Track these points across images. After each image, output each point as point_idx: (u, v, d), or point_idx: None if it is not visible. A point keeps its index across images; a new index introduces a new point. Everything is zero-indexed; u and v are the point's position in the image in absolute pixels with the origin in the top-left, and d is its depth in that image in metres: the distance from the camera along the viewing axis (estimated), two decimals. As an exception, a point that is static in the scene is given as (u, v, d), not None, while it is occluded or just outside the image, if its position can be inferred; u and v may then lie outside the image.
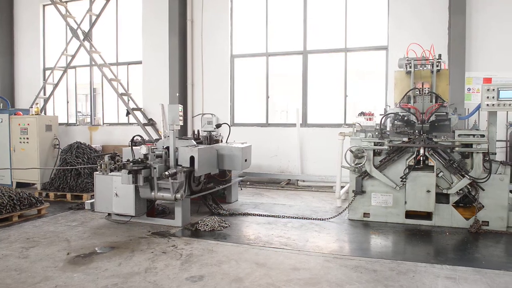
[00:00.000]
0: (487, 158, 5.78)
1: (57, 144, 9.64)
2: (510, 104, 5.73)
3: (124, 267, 4.42)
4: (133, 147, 6.13)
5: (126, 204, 6.04)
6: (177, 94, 10.37)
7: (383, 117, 6.38)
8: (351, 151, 6.24)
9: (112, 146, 10.83)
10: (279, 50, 10.38)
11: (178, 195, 5.73)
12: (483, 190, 5.79)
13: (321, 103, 10.28)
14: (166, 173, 5.59)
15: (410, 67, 6.54)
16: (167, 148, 6.08)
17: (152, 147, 6.13)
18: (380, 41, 9.50)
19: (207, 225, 5.88)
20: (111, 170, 5.64)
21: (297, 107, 10.02)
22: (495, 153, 6.03)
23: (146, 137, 9.99)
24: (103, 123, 12.38)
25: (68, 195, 8.07)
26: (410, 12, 9.05)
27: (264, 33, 10.42)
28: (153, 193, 5.87)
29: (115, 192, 6.08)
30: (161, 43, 10.94)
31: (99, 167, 5.67)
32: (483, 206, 5.84)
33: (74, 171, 8.33)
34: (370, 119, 6.78)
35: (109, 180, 6.11)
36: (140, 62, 11.54)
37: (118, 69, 11.98)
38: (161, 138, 7.56)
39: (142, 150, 5.73)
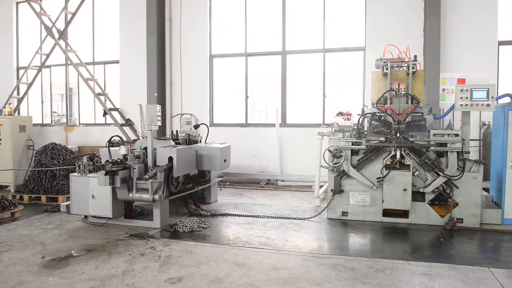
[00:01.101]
0: (461, 157, 5.93)
1: (32, 145, 9.40)
2: (482, 104, 5.88)
3: (101, 270, 4.34)
4: (111, 148, 6.04)
5: (103, 206, 5.94)
6: (155, 94, 10.28)
7: (360, 117, 6.47)
8: (329, 150, 6.30)
9: (89, 147, 10.63)
10: (258, 50, 10.41)
11: (157, 196, 5.67)
12: (457, 188, 5.94)
13: (300, 103, 10.35)
14: (146, 176, 5.52)
15: (387, 69, 6.67)
16: (145, 148, 6.01)
17: (131, 148, 6.05)
18: (357, 42, 9.64)
19: (186, 226, 5.83)
20: (90, 171, 5.53)
21: (276, 107, 10.05)
22: (469, 152, 6.18)
23: (124, 138, 9.85)
24: (80, 124, 12.16)
25: (43, 198, 7.88)
26: (387, 14, 9.21)
27: (243, 33, 10.42)
28: (131, 194, 5.79)
29: (91, 193, 5.97)
30: (138, 42, 10.81)
31: (77, 168, 5.55)
32: (457, 204, 5.98)
33: (49, 173, 8.14)
34: (348, 119, 6.86)
35: (86, 182, 6.00)
36: (117, 62, 11.38)
37: (94, 68, 11.78)
38: (139, 139, 7.49)
39: (121, 150, 5.64)
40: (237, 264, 4.48)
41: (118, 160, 5.70)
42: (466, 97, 5.91)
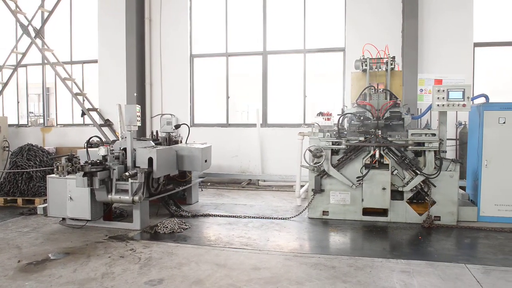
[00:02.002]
0: (438, 156, 6.05)
1: (7, 146, 9.19)
2: (459, 105, 6.01)
3: (80, 273, 4.27)
4: (89, 149, 5.94)
5: (81, 208, 5.83)
6: (135, 94, 10.16)
7: (340, 117, 6.53)
8: (310, 150, 6.34)
9: (67, 148, 10.43)
10: (239, 50, 10.40)
11: (136, 197, 5.60)
12: (435, 186, 6.06)
13: (281, 104, 10.40)
14: (127, 173, 5.45)
15: (366, 66, 6.75)
16: (125, 149, 5.93)
17: (110, 148, 5.96)
18: (337, 43, 9.73)
19: (167, 227, 5.78)
20: (69, 173, 5.44)
21: (257, 107, 10.06)
22: (446, 151, 6.31)
23: (103, 138, 9.70)
24: (57, 124, 11.92)
25: (19, 200, 7.69)
26: (366, 16, 9.32)
27: (224, 33, 10.39)
28: (110, 196, 5.70)
29: (69, 195, 5.85)
30: (117, 41, 10.66)
31: (55, 169, 5.45)
32: (435, 202, 6.10)
33: (26, 175, 7.95)
34: (328, 119, 6.92)
35: (63, 183, 5.87)
36: (95, 61, 11.20)
37: (72, 68, 11.57)
38: (118, 139, 7.38)
39: (100, 151, 5.56)
40: (218, 265, 4.47)
41: (97, 161, 5.61)
42: (443, 98, 6.03)
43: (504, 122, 6.12)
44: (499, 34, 9.15)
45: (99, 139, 6.31)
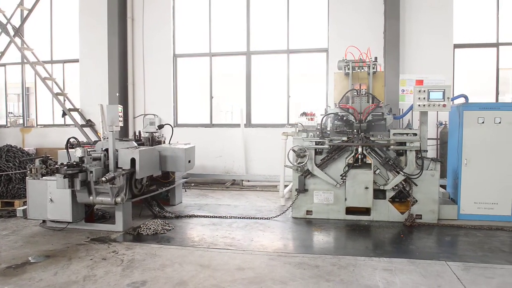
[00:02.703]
0: (420, 155, 6.14)
1: (-15, 148, 8.93)
2: (439, 105, 6.12)
3: (61, 276, 4.19)
4: (70, 150, 5.84)
5: (62, 210, 5.73)
6: (117, 94, 10.05)
7: (323, 117, 6.58)
8: (293, 150, 6.36)
9: (47, 149, 10.24)
10: (223, 50, 10.37)
11: (119, 199, 5.53)
12: (416, 185, 6.15)
13: (265, 104, 10.42)
14: (103, 178, 5.35)
15: (348, 69, 6.82)
16: (107, 150, 5.85)
17: (90, 149, 5.88)
18: (321, 43, 9.79)
19: (150, 228, 5.73)
20: (43, 175, 5.34)
21: (241, 107, 10.06)
22: (427, 151, 6.41)
23: (84, 139, 9.57)
24: (37, 125, 11.70)
25: (-2, 202, 7.51)
26: (349, 16, 9.41)
27: (207, 33, 10.35)
28: (91, 198, 5.62)
29: (50, 197, 5.74)
30: (99, 40, 10.53)
31: (29, 171, 5.34)
32: (416, 201, 6.19)
33: (4, 176, 7.76)
34: (311, 119, 6.95)
35: (43, 185, 5.76)
36: (77, 60, 11.03)
37: (53, 67, 11.38)
38: (100, 140, 7.29)
39: (77, 153, 5.46)
40: (202, 266, 4.45)
41: (74, 163, 5.49)
42: (424, 98, 6.13)
43: (483, 122, 6.25)
44: (478, 35, 9.35)
45: (75, 140, 6.21)
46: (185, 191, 8.73)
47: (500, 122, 6.21)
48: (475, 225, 5.96)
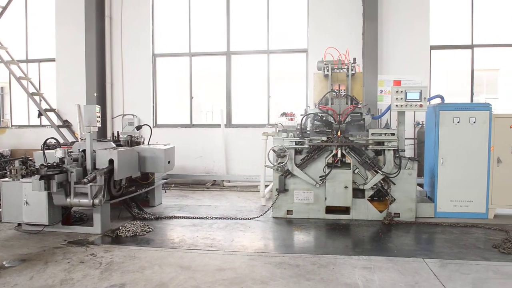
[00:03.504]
0: (397, 155, 6.25)
1: (-44, 149, 8.68)
2: (416, 105, 6.23)
3: (37, 281, 4.09)
4: (46, 151, 5.72)
5: (38, 212, 5.60)
6: (95, 94, 9.89)
7: (303, 118, 6.61)
8: (273, 150, 6.38)
9: (23, 150, 10.00)
10: (203, 50, 10.32)
11: (97, 200, 5.43)
12: (394, 184, 6.25)
13: (245, 104, 10.41)
14: (85, 179, 5.27)
15: (328, 70, 6.88)
16: (84, 151, 5.75)
17: (68, 150, 5.76)
18: (300, 44, 9.85)
19: (129, 230, 5.65)
20: (23, 176, 5.21)
21: (221, 107, 10.03)
22: (404, 150, 6.53)
23: (61, 140, 9.38)
24: (12, 126, 11.40)
25: (-30, 205, 7.28)
26: (328, 18, 9.50)
27: (187, 32, 10.29)
28: (68, 200, 5.50)
29: (25, 200, 5.61)
30: (76, 39, 10.34)
31: (8, 173, 5.20)
32: (394, 199, 6.29)
33: (-23, 179, 7.54)
34: (291, 119, 6.98)
35: (18, 187, 5.62)
36: (53, 60, 10.81)
37: (28, 66, 11.11)
38: (77, 141, 7.16)
39: (57, 153, 5.35)
40: (182, 267, 4.41)
41: (54, 164, 5.40)
42: (401, 98, 6.23)
43: (458, 122, 6.40)
44: (453, 37, 9.57)
45: (56, 141, 6.09)
46: (165, 192, 8.64)
47: (475, 122, 6.37)
48: (451, 223, 6.09)
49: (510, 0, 9.37)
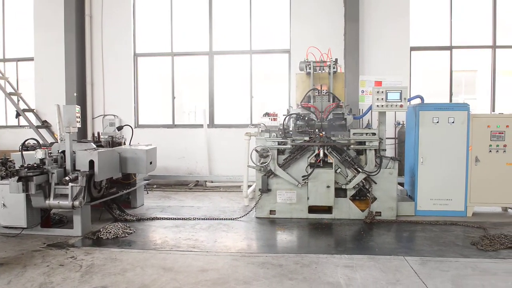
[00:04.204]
0: (379, 154, 6.33)
1: None
2: (396, 105, 6.33)
3: (15, 285, 4.00)
4: (25, 152, 5.60)
5: (16, 215, 5.47)
6: (75, 94, 9.72)
7: (286, 118, 6.63)
8: (256, 150, 6.39)
9: (0, 152, 9.74)
10: (185, 50, 10.25)
11: (77, 202, 5.35)
12: (376, 183, 6.33)
13: (228, 104, 10.38)
14: (67, 178, 5.18)
15: (310, 68, 6.93)
16: (63, 152, 5.65)
17: (48, 151, 5.65)
18: (283, 44, 9.88)
19: (110, 232, 5.57)
20: (2, 178, 5.10)
21: (204, 107, 9.98)
22: (385, 150, 6.62)
23: (40, 141, 9.19)
24: (-12, 126, 11.12)
25: None
26: (311, 18, 9.55)
27: (169, 32, 10.21)
28: (47, 201, 5.40)
29: (2, 202, 5.47)
30: (56, 38, 10.14)
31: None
32: (376, 198, 6.37)
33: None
34: (274, 119, 7.00)
35: (-5, 189, 5.49)
36: (32, 59, 10.57)
37: (5, 65, 10.84)
38: (57, 142, 7.04)
39: (38, 154, 5.25)
40: (165, 269, 4.37)
41: (35, 165, 5.29)
42: (382, 99, 6.32)
43: (437, 122, 6.52)
44: (433, 39, 9.74)
45: (35, 142, 5.97)
46: (147, 193, 8.56)
47: (453, 122, 6.49)
48: (431, 221, 6.20)
49: (487, 2, 9.57)
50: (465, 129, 6.50)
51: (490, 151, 6.55)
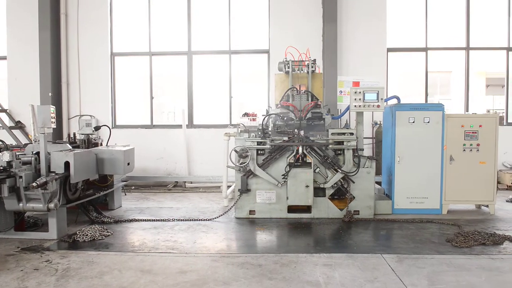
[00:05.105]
0: (356, 154, 6.40)
1: None
2: (373, 105, 6.42)
3: (-14, 290, 3.89)
4: (-4, 154, 5.44)
5: (-12, 218, 5.32)
6: (50, 93, 9.51)
7: (265, 118, 6.65)
8: (235, 151, 6.38)
9: (-29, 153, 9.44)
10: (163, 49, 10.16)
11: (52, 205, 5.22)
12: (354, 182, 6.40)
13: (207, 104, 10.34)
14: (34, 184, 5.02)
15: (288, 68, 6.96)
16: (38, 153, 5.51)
17: (20, 153, 5.50)
18: (262, 45, 9.90)
19: (87, 235, 5.46)
20: (-32, 180, 4.93)
21: (183, 108, 9.91)
22: (363, 149, 6.70)
23: (13, 142, 8.95)
24: (-41, 127, 10.76)
25: None
26: (290, 19, 9.61)
27: (147, 31, 10.10)
28: (21, 204, 5.25)
29: (-27, 205, 5.31)
30: (30, 36, 9.90)
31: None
32: (354, 197, 6.45)
33: None
34: (253, 119, 7.01)
35: (-35, 192, 5.30)
36: (4, 58, 10.28)
37: (-24, 65, 10.52)
38: (31, 143, 6.87)
39: (4, 157, 5.09)
40: (143, 271, 4.32)
41: (1, 168, 5.11)
42: (360, 99, 6.41)
43: (413, 122, 6.64)
44: (409, 40, 9.93)
45: (1, 143, 5.79)
46: (125, 194, 8.43)
47: (429, 122, 6.63)
48: (407, 219, 6.31)
49: (461, 5, 9.81)
50: (440, 129, 6.64)
51: (464, 150, 6.71)
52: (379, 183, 7.83)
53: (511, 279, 4.06)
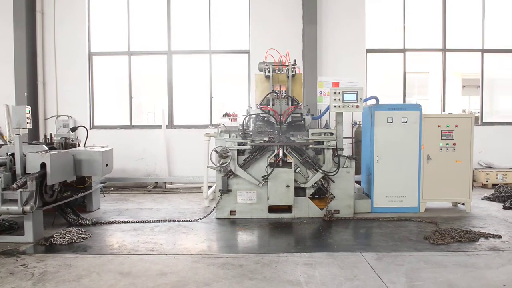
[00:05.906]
0: (336, 154, 6.46)
1: None
2: (353, 106, 6.50)
3: (-42, 297, 3.77)
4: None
5: (-40, 222, 5.15)
6: (26, 93, 9.28)
7: (245, 118, 6.64)
8: (216, 151, 6.35)
9: None
10: (143, 49, 10.05)
11: (28, 207, 5.10)
12: (334, 182, 6.46)
13: (187, 104, 10.28)
14: (14, 185, 4.92)
15: (269, 71, 6.97)
16: (13, 155, 5.37)
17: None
18: (243, 45, 9.90)
19: (64, 238, 5.35)
20: None
21: (162, 108, 9.82)
22: (343, 149, 6.77)
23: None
24: None
25: None
26: (270, 20, 9.64)
27: (126, 30, 9.96)
28: (-5, 207, 5.12)
29: None
30: (4, 35, 9.66)
31: None
32: (334, 197, 6.50)
33: None
34: (234, 119, 7.00)
35: None
36: (-23, 56, 9.99)
37: None
38: (6, 144, 6.70)
39: (-22, 158, 4.96)
40: (122, 274, 4.26)
41: (-24, 169, 5.00)
42: (339, 99, 6.47)
43: (392, 122, 6.75)
44: (387, 42, 10.09)
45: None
46: (104, 196, 8.30)
47: (406, 122, 6.74)
48: (386, 217, 6.41)
49: (438, 7, 10.02)
50: (418, 129, 6.77)
51: (441, 149, 6.85)
52: (358, 182, 7.92)
53: (486, 275, 4.17)
